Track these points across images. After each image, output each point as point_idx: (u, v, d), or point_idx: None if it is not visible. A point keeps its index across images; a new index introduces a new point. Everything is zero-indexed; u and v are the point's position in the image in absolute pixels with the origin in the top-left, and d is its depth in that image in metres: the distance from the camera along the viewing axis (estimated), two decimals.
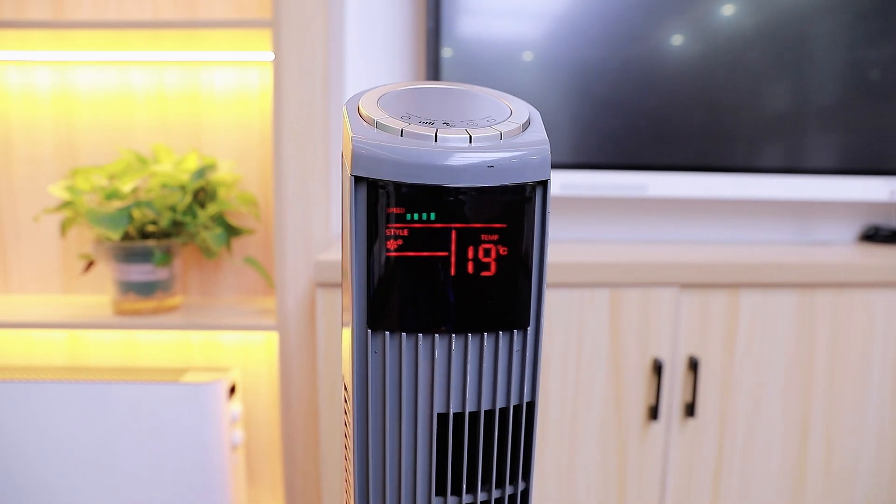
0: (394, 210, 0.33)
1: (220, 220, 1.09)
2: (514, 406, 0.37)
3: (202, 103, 1.18)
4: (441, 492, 0.37)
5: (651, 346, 0.95)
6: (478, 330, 0.35)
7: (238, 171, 1.18)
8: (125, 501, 1.12)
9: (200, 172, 1.04)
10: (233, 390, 1.15)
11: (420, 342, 0.35)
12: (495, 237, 0.34)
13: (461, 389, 0.36)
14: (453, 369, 0.35)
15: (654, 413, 0.95)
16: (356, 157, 0.33)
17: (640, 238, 1.26)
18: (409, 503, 0.37)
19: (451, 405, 0.36)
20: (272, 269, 1.18)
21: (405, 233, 0.34)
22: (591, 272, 0.92)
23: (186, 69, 1.16)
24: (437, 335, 0.35)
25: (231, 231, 1.10)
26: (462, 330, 0.35)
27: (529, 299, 0.36)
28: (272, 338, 1.22)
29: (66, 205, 1.02)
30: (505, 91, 0.41)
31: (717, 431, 0.99)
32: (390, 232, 0.33)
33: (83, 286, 1.23)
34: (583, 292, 0.93)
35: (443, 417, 0.36)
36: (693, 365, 0.95)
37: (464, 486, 0.37)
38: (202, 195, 1.08)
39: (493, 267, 0.35)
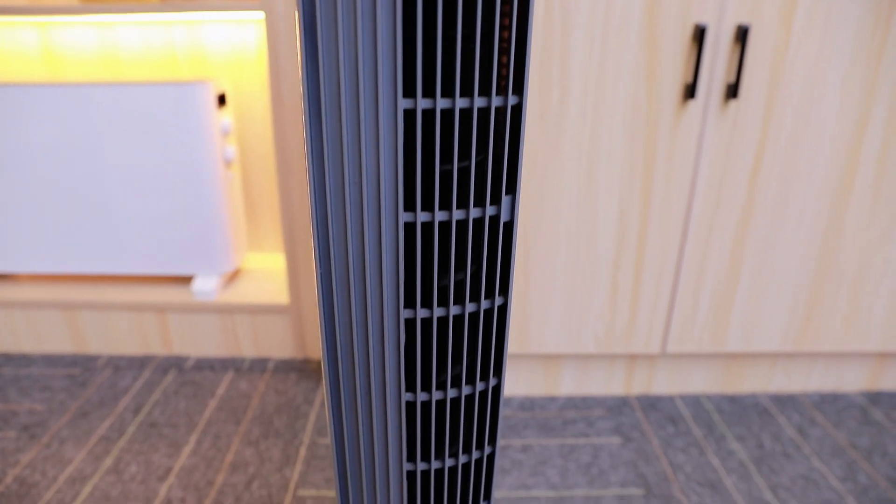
0: None
1: None
2: None
3: None
4: (410, 94, 0.26)
5: (694, 9, 0.81)
6: None
7: None
8: (119, 206, 1.06)
9: None
10: (222, 101, 1.05)
11: None
12: None
13: None
14: None
15: (691, 91, 0.83)
16: None
17: None
18: (370, 104, 0.25)
19: None
20: None
21: None
22: None
23: None
24: None
25: None
26: None
27: None
28: (263, 49, 1.10)
29: None
30: None
31: (760, 120, 0.87)
32: None
33: None
34: None
35: None
36: (741, 35, 0.81)
37: (438, 81, 0.25)
38: None
39: None
